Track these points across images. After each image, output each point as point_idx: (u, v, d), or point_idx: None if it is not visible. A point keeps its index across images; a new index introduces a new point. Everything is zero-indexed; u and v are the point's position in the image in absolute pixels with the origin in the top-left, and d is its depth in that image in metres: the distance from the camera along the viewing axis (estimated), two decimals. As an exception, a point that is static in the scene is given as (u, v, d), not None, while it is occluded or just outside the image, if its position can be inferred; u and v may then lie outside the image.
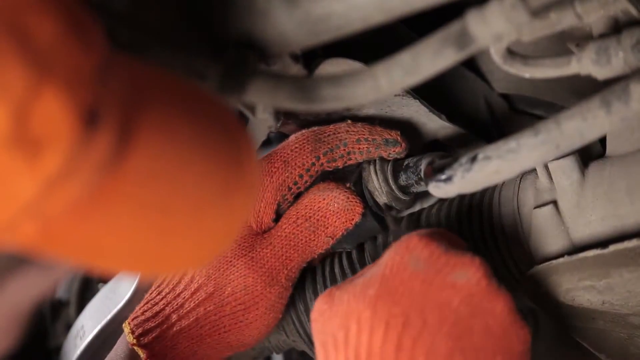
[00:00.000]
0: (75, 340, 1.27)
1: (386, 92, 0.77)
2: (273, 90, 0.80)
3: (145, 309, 1.10)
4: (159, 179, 0.63)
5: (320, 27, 0.79)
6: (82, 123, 0.56)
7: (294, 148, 1.11)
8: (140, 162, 0.61)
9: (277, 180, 1.10)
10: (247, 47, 0.80)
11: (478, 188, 0.92)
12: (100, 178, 0.59)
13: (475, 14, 0.73)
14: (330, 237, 1.10)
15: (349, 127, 1.11)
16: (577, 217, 0.99)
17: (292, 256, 1.09)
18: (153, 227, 0.64)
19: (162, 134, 0.62)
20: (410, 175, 1.10)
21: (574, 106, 0.81)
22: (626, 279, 0.95)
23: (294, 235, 1.09)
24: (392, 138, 1.10)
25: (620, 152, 0.99)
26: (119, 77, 0.60)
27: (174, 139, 0.63)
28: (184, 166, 0.64)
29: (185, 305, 1.09)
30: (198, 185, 0.65)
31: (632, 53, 0.81)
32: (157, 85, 0.65)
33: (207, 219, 0.66)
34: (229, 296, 1.08)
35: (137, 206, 0.62)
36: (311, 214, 1.10)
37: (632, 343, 1.02)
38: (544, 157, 0.84)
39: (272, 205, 1.11)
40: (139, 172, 0.61)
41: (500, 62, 0.84)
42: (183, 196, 0.64)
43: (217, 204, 0.67)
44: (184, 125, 0.65)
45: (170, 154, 0.63)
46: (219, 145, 0.67)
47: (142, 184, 0.61)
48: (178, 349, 1.08)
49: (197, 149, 0.65)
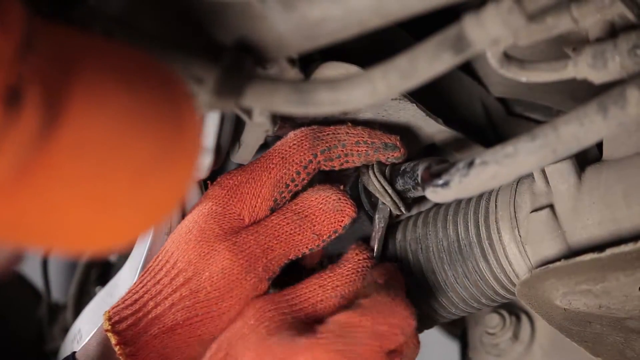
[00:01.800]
0: (72, 344, 1.27)
1: (383, 96, 0.77)
2: (270, 94, 0.80)
3: (126, 298, 1.09)
4: (92, 149, 0.61)
5: (317, 31, 0.79)
6: (3, 104, 0.55)
7: (292, 144, 1.11)
8: (71, 134, 0.60)
9: (275, 177, 1.10)
10: (244, 51, 0.80)
11: (475, 193, 0.92)
12: (28, 155, 0.58)
13: (472, 18, 0.74)
14: (316, 235, 1.09)
15: (349, 129, 1.11)
16: (574, 221, 0.99)
17: (274, 246, 1.09)
18: (88, 199, 0.63)
19: (95, 103, 0.61)
20: (408, 180, 1.10)
21: (570, 111, 0.81)
22: (623, 283, 0.95)
23: (279, 226, 1.09)
24: (392, 142, 1.10)
25: (617, 156, 0.99)
26: (42, 50, 0.59)
27: (108, 106, 0.62)
28: (119, 134, 0.63)
29: (163, 291, 1.08)
30: (135, 152, 0.64)
31: (628, 57, 0.82)
32: (86, 52, 0.64)
33: (147, 186, 0.65)
34: (206, 280, 1.07)
35: (72, 178, 0.61)
36: (301, 209, 1.09)
37: (629, 347, 1.02)
38: (541, 162, 0.84)
39: (269, 201, 1.10)
40: (70, 144, 0.60)
41: (497, 66, 0.84)
42: (120, 166, 0.63)
43: (157, 170, 0.65)
44: (118, 93, 0.63)
45: (104, 123, 0.62)
46: (156, 110, 0.66)
47: (74, 156, 0.60)
48: (148, 335, 1.06)
49: (135, 117, 0.64)
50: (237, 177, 1.12)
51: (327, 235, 1.10)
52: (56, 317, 1.55)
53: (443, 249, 1.09)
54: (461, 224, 1.08)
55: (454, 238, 1.08)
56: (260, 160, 1.12)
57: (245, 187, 1.11)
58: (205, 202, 1.12)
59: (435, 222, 1.11)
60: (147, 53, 0.69)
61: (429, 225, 1.11)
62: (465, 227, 1.07)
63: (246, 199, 1.10)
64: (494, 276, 1.06)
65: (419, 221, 1.12)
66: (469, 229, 1.07)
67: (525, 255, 1.02)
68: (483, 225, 1.06)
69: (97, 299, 1.26)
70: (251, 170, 1.11)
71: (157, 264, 1.10)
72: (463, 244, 1.07)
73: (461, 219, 1.08)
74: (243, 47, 0.81)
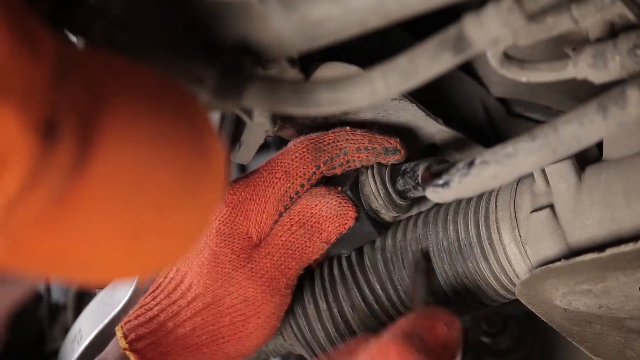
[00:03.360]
0: (73, 344, 1.26)
1: (383, 96, 0.77)
2: (270, 94, 0.80)
3: (139, 314, 1.09)
4: (124, 179, 0.61)
5: (317, 31, 0.79)
6: (39, 137, 0.55)
7: (295, 157, 1.10)
8: (104, 165, 0.59)
9: (279, 191, 1.10)
10: (244, 52, 0.80)
11: (475, 193, 0.92)
12: (63, 187, 0.57)
13: (472, 18, 0.73)
14: (325, 243, 1.10)
15: (349, 136, 1.10)
16: (574, 221, 0.99)
17: (291, 264, 1.09)
18: (122, 229, 0.63)
19: (125, 132, 0.61)
20: (408, 180, 1.10)
21: (570, 111, 0.81)
22: (623, 283, 0.95)
23: (291, 243, 1.09)
24: (392, 146, 1.10)
25: (617, 156, 0.99)
26: (75, 79, 0.59)
27: (137, 136, 0.62)
28: (149, 164, 0.63)
29: (181, 313, 1.08)
30: (164, 182, 0.64)
31: (628, 57, 0.82)
32: (115, 79, 0.63)
33: (176, 216, 0.65)
34: (229, 307, 1.08)
35: (104, 210, 0.61)
36: (305, 220, 1.09)
37: (629, 347, 1.02)
38: (541, 162, 0.84)
39: (274, 216, 1.10)
40: (103, 175, 0.60)
41: (497, 66, 0.84)
42: (149, 195, 0.63)
43: (185, 200, 0.65)
44: (148, 122, 0.63)
45: (134, 152, 0.62)
46: (184, 139, 0.65)
47: (107, 187, 0.60)
48: (172, 356, 1.07)
49: (162, 145, 0.64)
50: (240, 193, 1.11)
51: (335, 239, 1.10)
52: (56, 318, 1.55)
53: (443, 249, 1.09)
54: (461, 224, 1.08)
55: (454, 238, 1.08)
56: (263, 174, 1.11)
57: (249, 204, 1.10)
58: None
59: (435, 222, 1.11)
60: (170, 78, 0.68)
61: (429, 225, 1.11)
62: (466, 227, 1.07)
63: (252, 217, 1.10)
64: (494, 276, 1.06)
65: (419, 221, 1.12)
66: (469, 229, 1.07)
67: (525, 255, 1.02)
68: (483, 225, 1.06)
69: (97, 299, 1.26)
70: (254, 185, 1.11)
71: (170, 282, 1.10)
72: (463, 244, 1.07)
73: (461, 219, 1.08)
74: (243, 48, 0.81)
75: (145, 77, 0.66)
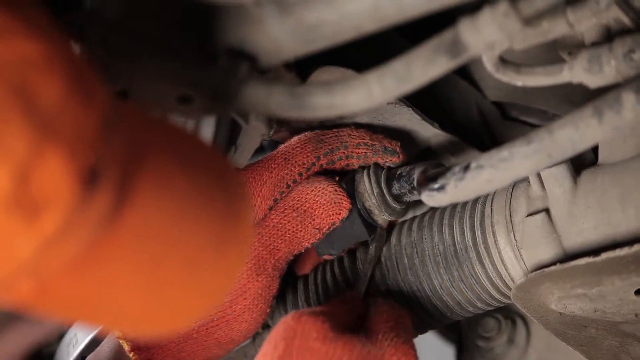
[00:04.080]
0: (68, 348, 1.26)
1: (379, 100, 0.77)
2: (266, 98, 0.80)
3: None
4: (155, 233, 0.62)
5: (313, 36, 0.79)
6: (82, 184, 0.56)
7: (296, 147, 1.11)
8: (137, 217, 0.60)
9: (276, 176, 1.10)
10: (240, 56, 0.80)
11: (471, 197, 0.92)
12: (97, 236, 0.58)
13: (467, 22, 0.74)
14: (317, 229, 1.10)
15: (351, 131, 1.11)
16: (570, 225, 0.99)
17: (280, 246, 1.09)
18: (148, 282, 0.63)
19: (159, 187, 0.62)
20: (404, 184, 1.10)
21: (566, 115, 0.81)
22: (618, 287, 0.95)
23: (282, 225, 1.09)
24: (392, 147, 1.10)
25: (613, 160, 0.99)
26: (121, 130, 0.60)
27: (171, 192, 0.63)
28: (180, 219, 0.64)
29: None
30: (193, 238, 0.65)
31: (624, 61, 0.82)
32: (156, 136, 0.65)
33: (202, 272, 0.66)
34: None
35: (133, 261, 0.62)
36: (298, 204, 1.10)
37: (624, 351, 1.02)
38: (537, 166, 0.84)
39: (269, 200, 1.11)
40: (135, 227, 0.61)
41: (493, 70, 0.84)
42: (179, 250, 0.64)
43: (213, 257, 0.66)
44: (181, 179, 0.64)
45: (167, 207, 0.63)
46: (215, 197, 0.67)
47: (138, 239, 0.61)
48: (163, 343, 1.07)
49: (194, 201, 0.65)
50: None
51: (327, 227, 1.10)
52: (52, 321, 1.54)
53: (439, 252, 1.09)
54: (457, 227, 1.08)
55: (450, 242, 1.08)
56: (263, 160, 1.12)
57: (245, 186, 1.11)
58: None
59: (431, 226, 1.11)
60: (204, 141, 0.71)
61: (424, 229, 1.11)
62: (461, 231, 1.07)
63: None
64: (489, 280, 1.06)
65: (414, 225, 1.12)
66: (465, 233, 1.07)
67: (520, 259, 1.02)
68: (479, 229, 1.06)
69: (93, 303, 1.26)
70: (252, 169, 1.11)
71: None
72: (459, 248, 1.07)
73: (457, 222, 1.08)
74: (239, 52, 0.81)
75: (182, 137, 0.68)
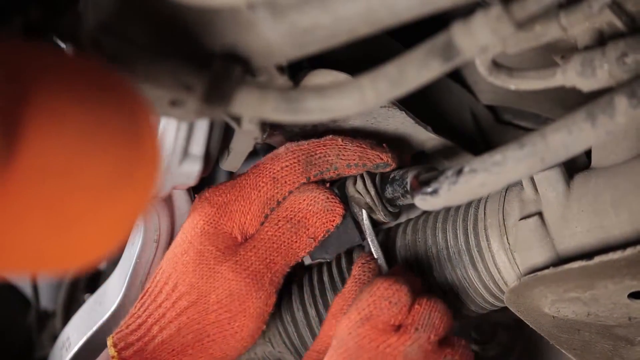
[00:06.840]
0: (61, 352, 1.26)
1: (372, 104, 0.77)
2: (259, 101, 0.80)
3: (129, 323, 1.09)
4: (55, 168, 0.60)
5: (306, 39, 0.79)
6: None
7: (284, 167, 1.10)
8: (33, 157, 0.59)
9: (265, 195, 1.10)
10: (233, 59, 0.80)
11: (464, 201, 0.92)
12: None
13: (460, 26, 0.74)
14: (312, 239, 1.10)
15: (339, 151, 1.10)
16: (563, 228, 0.99)
17: (276, 259, 1.09)
18: (52, 221, 0.62)
19: (50, 125, 0.60)
20: (397, 188, 1.10)
21: (559, 119, 0.81)
22: (611, 291, 0.95)
23: (276, 237, 1.09)
24: (383, 162, 1.10)
25: (606, 163, 0.99)
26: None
27: (64, 128, 0.61)
28: (81, 151, 0.62)
29: (167, 315, 1.08)
30: (97, 168, 0.63)
31: (616, 65, 0.82)
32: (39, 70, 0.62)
33: (109, 203, 0.65)
34: (214, 304, 1.07)
35: (32, 204, 0.60)
36: (292, 215, 1.10)
37: (617, 354, 1.03)
38: (530, 170, 0.84)
39: (259, 217, 1.10)
40: (33, 166, 0.59)
41: (486, 74, 0.84)
42: (83, 181, 0.62)
43: (117, 187, 0.65)
44: (74, 112, 0.62)
45: (62, 144, 0.61)
46: (116, 125, 0.64)
47: (38, 177, 0.60)
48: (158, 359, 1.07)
49: (94, 131, 0.63)
50: (225, 194, 1.11)
51: (322, 235, 1.10)
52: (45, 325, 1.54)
53: (432, 256, 1.09)
54: (450, 231, 1.08)
55: (443, 245, 1.08)
56: (250, 177, 1.11)
57: (234, 205, 1.10)
58: (195, 219, 1.11)
59: (424, 229, 1.11)
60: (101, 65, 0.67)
61: (418, 233, 1.11)
62: (454, 234, 1.07)
63: (235, 217, 1.10)
64: (482, 284, 1.06)
65: (408, 228, 1.13)
66: (458, 236, 1.07)
67: (514, 262, 1.02)
68: (472, 232, 1.06)
69: (85, 306, 1.26)
70: (240, 187, 1.11)
71: (156, 285, 1.10)
72: (452, 252, 1.07)
73: (450, 226, 1.08)
74: (232, 55, 0.81)
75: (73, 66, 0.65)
